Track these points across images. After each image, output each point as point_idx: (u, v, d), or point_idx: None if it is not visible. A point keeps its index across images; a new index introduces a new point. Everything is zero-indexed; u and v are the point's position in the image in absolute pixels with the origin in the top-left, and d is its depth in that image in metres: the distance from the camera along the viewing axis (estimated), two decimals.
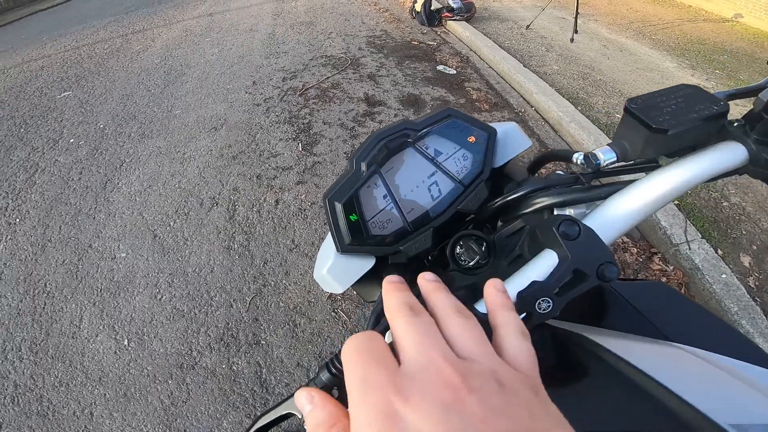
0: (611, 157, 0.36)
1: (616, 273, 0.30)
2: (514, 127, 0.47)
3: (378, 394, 0.18)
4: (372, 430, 0.17)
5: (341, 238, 0.38)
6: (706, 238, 1.73)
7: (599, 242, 0.31)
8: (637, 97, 0.35)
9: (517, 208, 0.42)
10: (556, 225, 0.31)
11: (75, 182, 2.44)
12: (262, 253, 1.87)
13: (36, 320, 1.69)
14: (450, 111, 0.42)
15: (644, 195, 0.34)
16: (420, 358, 0.19)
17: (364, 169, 0.39)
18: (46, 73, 4.33)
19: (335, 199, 0.38)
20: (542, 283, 0.30)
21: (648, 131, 0.33)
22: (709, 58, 3.68)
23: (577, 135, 2.41)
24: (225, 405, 1.37)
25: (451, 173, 0.42)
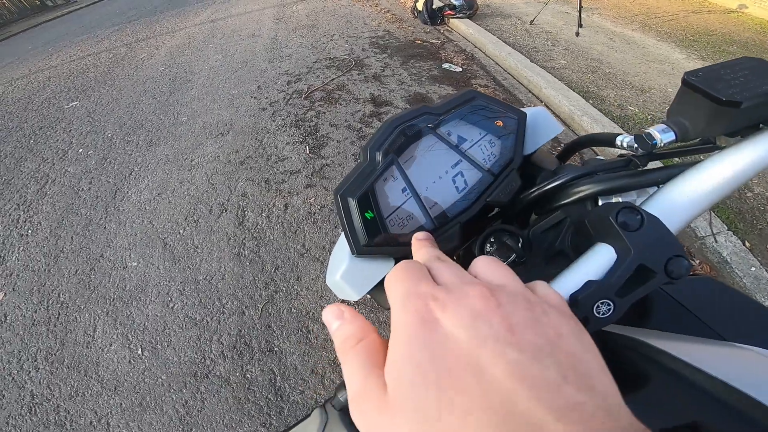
0: (669, 137, 0.32)
1: (688, 268, 0.27)
2: (543, 110, 0.43)
3: (419, 302, 0.20)
4: (411, 332, 0.18)
5: (356, 239, 0.34)
6: (732, 230, 1.68)
7: (667, 233, 0.27)
8: (697, 70, 0.31)
9: (554, 198, 0.38)
10: (613, 214, 0.28)
11: (85, 192, 2.45)
12: (272, 258, 1.85)
13: (51, 330, 1.69)
14: (473, 93, 0.38)
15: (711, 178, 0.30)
16: (456, 280, 0.21)
17: (379, 159, 0.34)
18: (53, 84, 4.38)
19: (348, 195, 0.33)
20: (600, 282, 0.27)
21: (715, 105, 0.29)
22: (719, 48, 3.60)
23: (590, 128, 2.37)
24: (240, 414, 1.35)
25: (478, 162, 0.37)
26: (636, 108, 2.64)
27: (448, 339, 0.18)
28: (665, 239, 0.27)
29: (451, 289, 0.20)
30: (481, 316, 0.18)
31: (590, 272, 0.28)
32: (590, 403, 0.15)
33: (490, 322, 0.18)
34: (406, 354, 0.18)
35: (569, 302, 0.27)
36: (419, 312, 0.19)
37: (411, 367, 0.17)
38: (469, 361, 0.17)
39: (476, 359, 0.17)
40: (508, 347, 0.17)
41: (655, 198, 0.31)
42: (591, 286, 0.27)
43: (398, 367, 0.18)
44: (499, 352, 0.17)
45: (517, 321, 0.18)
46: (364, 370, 0.20)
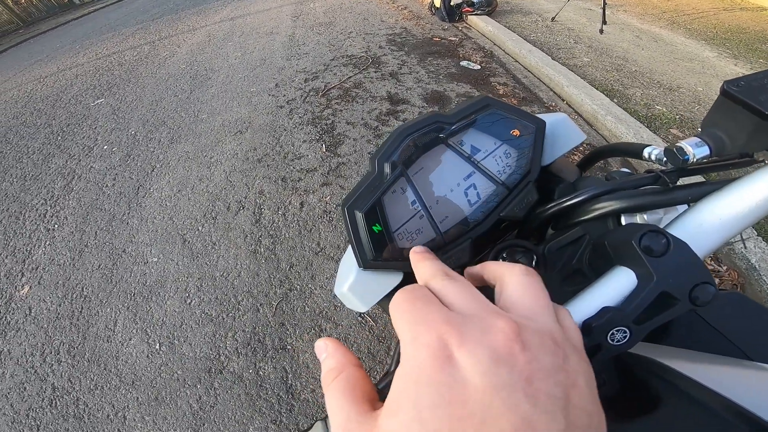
0: (703, 152, 0.29)
1: (714, 295, 0.25)
2: (565, 118, 0.40)
3: (431, 334, 0.17)
4: (421, 372, 0.17)
5: (363, 253, 0.33)
6: (763, 236, 1.60)
7: (694, 258, 0.25)
8: (738, 79, 0.29)
9: (573, 214, 0.35)
10: (636, 238, 0.26)
11: (109, 188, 2.52)
12: (287, 256, 1.86)
13: (74, 324, 1.74)
14: (488, 100, 0.36)
15: (748, 198, 0.27)
16: (474, 305, 0.19)
17: (388, 171, 0.33)
18: (80, 81, 4.53)
19: (355, 208, 0.32)
20: (616, 309, 0.25)
21: (758, 119, 0.26)
22: (752, 47, 3.43)
23: (615, 129, 2.29)
24: (251, 410, 1.37)
25: (492, 174, 0.35)
26: (663, 107, 2.54)
27: (459, 384, 0.16)
28: (692, 265, 0.25)
29: (470, 319, 0.18)
30: (503, 361, 0.16)
31: (607, 297, 0.26)
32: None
33: (512, 369, 0.16)
34: (409, 397, 0.17)
35: (582, 328, 0.26)
36: (431, 347, 0.17)
37: (411, 413, 0.16)
38: (475, 409, 0.15)
39: (485, 408, 0.15)
40: (524, 399, 0.16)
41: (684, 219, 0.29)
42: (607, 313, 0.25)
43: (398, 410, 0.17)
44: (512, 404, 0.15)
45: (539, 368, 0.17)
46: (344, 403, 0.20)
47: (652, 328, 0.25)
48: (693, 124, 2.37)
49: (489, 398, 0.16)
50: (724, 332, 0.37)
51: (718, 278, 1.56)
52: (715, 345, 0.36)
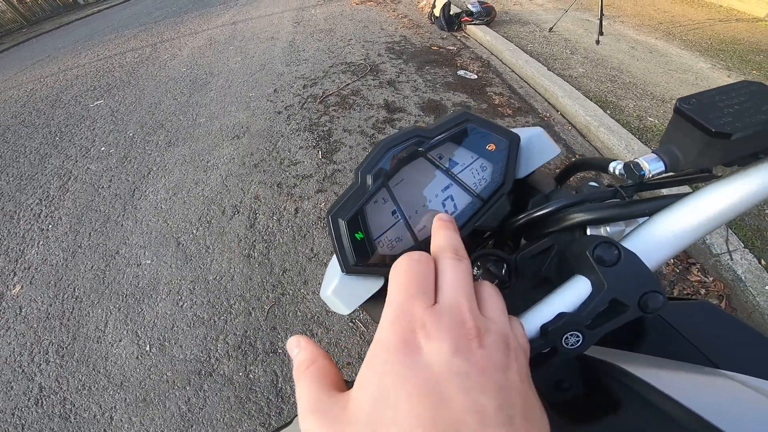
0: (658, 167, 0.31)
1: (662, 303, 0.26)
2: (541, 132, 0.42)
3: (407, 321, 0.20)
4: (390, 353, 0.19)
5: (345, 259, 0.35)
6: (749, 248, 1.62)
7: (643, 268, 0.27)
8: (690, 96, 0.30)
9: (544, 224, 0.37)
10: (590, 249, 0.28)
11: (105, 190, 2.53)
12: (281, 261, 1.87)
13: (64, 324, 1.74)
14: (466, 115, 0.37)
15: (700, 211, 0.28)
16: (452, 302, 0.22)
17: (370, 182, 0.35)
18: (80, 82, 4.55)
19: (338, 216, 0.34)
20: (571, 315, 0.27)
21: (706, 135, 0.27)
22: (745, 58, 3.49)
23: (607, 140, 2.32)
24: (240, 413, 1.37)
25: (468, 186, 0.37)
26: (656, 119, 2.58)
27: (420, 367, 0.19)
28: (641, 275, 0.27)
29: (443, 314, 0.21)
30: (461, 354, 0.19)
31: (565, 303, 0.28)
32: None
33: (468, 361, 0.19)
34: (378, 372, 0.19)
35: (540, 333, 0.27)
36: (404, 334, 0.20)
37: (378, 388, 0.19)
38: (432, 390, 0.18)
39: (441, 389, 0.18)
40: (476, 386, 0.18)
41: (638, 231, 0.31)
42: (562, 318, 0.27)
43: (367, 385, 0.19)
44: (465, 388, 0.18)
45: (492, 364, 0.19)
46: (315, 388, 0.22)
47: (604, 333, 0.27)
48: None
49: (446, 382, 0.18)
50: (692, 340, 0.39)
51: (705, 289, 1.58)
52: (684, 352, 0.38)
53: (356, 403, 0.19)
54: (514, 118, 2.73)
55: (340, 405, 0.20)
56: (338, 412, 0.20)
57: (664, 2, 5.23)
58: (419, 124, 0.43)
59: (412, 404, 0.17)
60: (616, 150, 2.24)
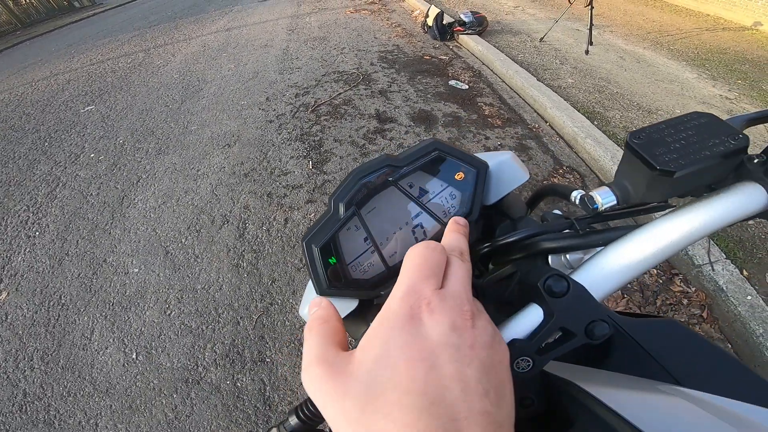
0: (610, 201, 0.32)
1: (607, 331, 0.28)
2: (509, 158, 0.43)
3: (416, 297, 0.23)
4: (396, 321, 0.22)
5: (319, 283, 0.36)
6: (731, 259, 1.65)
7: (589, 299, 0.29)
8: (642, 130, 0.31)
9: (508, 252, 0.39)
10: (542, 280, 0.29)
11: (93, 197, 2.52)
12: (270, 271, 1.87)
13: (49, 331, 1.73)
14: (436, 144, 0.39)
15: (647, 245, 0.30)
16: (456, 289, 0.25)
17: (342, 210, 0.36)
18: (72, 87, 4.53)
19: (312, 242, 0.36)
20: (523, 341, 0.28)
21: (651, 172, 0.29)
22: (731, 67, 3.57)
23: (593, 151, 2.36)
24: (228, 421, 1.37)
25: (437, 215, 0.39)
26: None
27: (420, 336, 0.21)
28: (587, 305, 0.29)
29: (447, 297, 0.24)
30: (457, 329, 0.22)
31: (518, 330, 0.29)
32: (496, 416, 0.20)
33: (461, 336, 0.22)
34: (381, 336, 0.22)
35: None
36: (411, 308, 0.23)
37: (381, 348, 0.21)
38: (428, 357, 0.21)
39: (435, 357, 0.21)
40: (464, 359, 0.21)
41: (589, 263, 0.32)
42: (514, 344, 0.28)
43: (370, 345, 0.22)
44: (456, 358, 0.21)
45: (480, 342, 0.22)
46: (323, 342, 0.24)
47: (553, 358, 0.29)
48: None
49: (440, 351, 0.21)
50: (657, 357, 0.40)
51: (687, 299, 1.61)
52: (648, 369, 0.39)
53: (359, 361, 0.22)
54: (503, 129, 2.77)
55: (344, 360, 0.22)
56: (341, 365, 0.22)
57: (652, 12, 5.34)
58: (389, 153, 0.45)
59: (409, 367, 0.20)
60: (602, 162, 2.28)
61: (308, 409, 0.34)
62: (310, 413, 0.34)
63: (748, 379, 0.39)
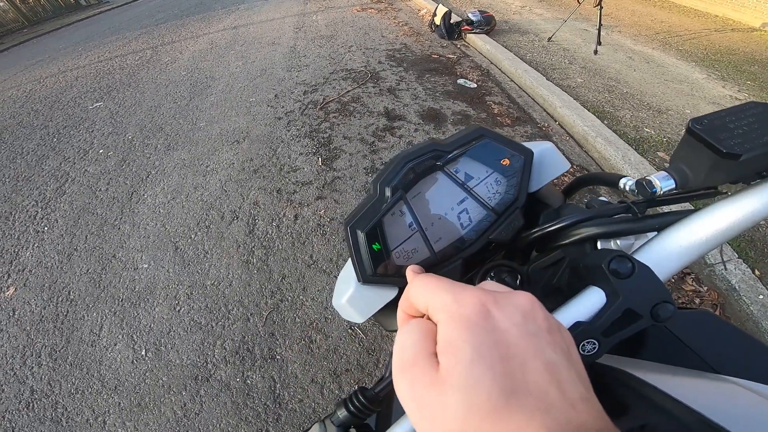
0: (669, 185, 0.32)
1: (673, 312, 0.28)
2: (552, 147, 0.43)
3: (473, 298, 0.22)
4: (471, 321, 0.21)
5: (363, 269, 0.36)
6: (743, 258, 1.64)
7: (655, 280, 0.28)
8: (702, 117, 0.31)
9: (554, 238, 0.38)
10: (606, 262, 0.29)
11: (102, 193, 2.52)
12: (280, 268, 1.86)
13: (57, 327, 1.73)
14: (482, 131, 0.39)
15: (706, 227, 0.30)
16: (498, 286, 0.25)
17: (388, 194, 0.36)
18: (80, 84, 4.54)
19: (357, 227, 0.35)
20: (587, 323, 0.28)
21: (717, 156, 0.29)
22: (740, 68, 3.54)
23: (604, 150, 2.34)
24: (237, 419, 1.36)
25: (483, 200, 0.38)
26: (652, 130, 2.61)
27: (501, 331, 0.20)
28: (653, 286, 0.28)
29: (500, 290, 0.23)
30: (529, 315, 0.21)
31: (580, 313, 0.29)
32: (593, 401, 0.20)
33: (536, 322, 0.21)
34: (465, 339, 0.20)
35: None
36: (475, 305, 0.21)
37: (471, 350, 0.20)
38: (516, 352, 0.20)
39: (523, 351, 0.20)
40: (547, 346, 0.20)
41: (649, 245, 0.32)
42: (579, 326, 0.28)
43: (457, 349, 0.20)
44: (539, 349, 0.20)
45: (552, 325, 0.22)
46: (421, 343, 0.22)
47: (619, 340, 0.28)
48: None
49: (524, 343, 0.20)
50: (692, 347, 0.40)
51: (699, 298, 1.59)
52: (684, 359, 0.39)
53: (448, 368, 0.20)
54: (512, 128, 2.75)
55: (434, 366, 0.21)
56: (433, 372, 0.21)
57: (661, 12, 5.32)
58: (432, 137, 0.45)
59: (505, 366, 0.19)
60: (613, 161, 2.26)
61: (359, 401, 0.33)
62: (361, 405, 0.33)
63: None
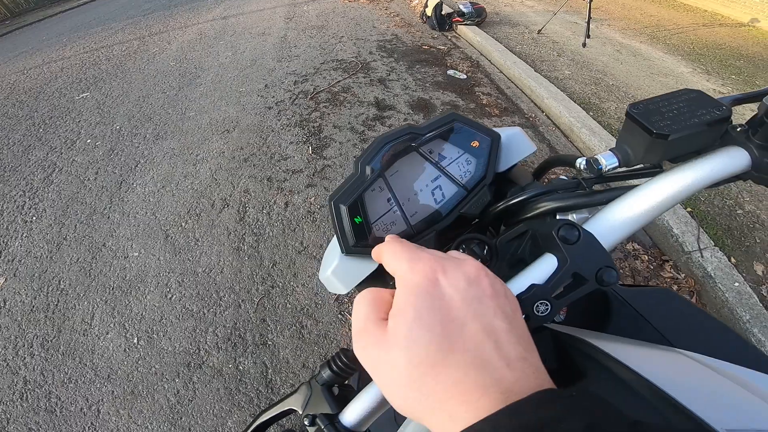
0: (613, 162, 0.36)
1: (615, 277, 0.30)
2: (519, 131, 0.47)
3: (425, 265, 0.24)
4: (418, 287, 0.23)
5: (346, 240, 0.39)
6: (720, 246, 1.70)
7: (599, 247, 0.31)
8: (639, 102, 0.35)
9: (520, 212, 0.42)
10: (555, 229, 0.31)
11: (91, 182, 2.50)
12: (271, 254, 1.88)
13: (49, 317, 1.73)
14: (454, 116, 0.42)
15: (645, 200, 0.33)
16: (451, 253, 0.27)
17: (368, 172, 0.39)
18: (65, 74, 4.45)
19: (340, 202, 0.38)
20: (541, 286, 0.30)
21: (649, 136, 0.33)
22: (725, 63, 3.61)
23: (589, 141, 2.39)
24: (230, 404, 1.39)
25: (455, 177, 0.42)
26: None
27: (445, 296, 0.22)
28: (597, 252, 0.31)
29: (449, 259, 0.25)
30: (473, 282, 0.23)
31: (535, 277, 0.32)
32: (531, 360, 0.22)
33: (480, 288, 0.23)
34: (411, 303, 0.22)
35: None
36: (425, 273, 0.23)
37: (413, 313, 0.22)
38: (457, 315, 0.22)
39: (463, 315, 0.22)
40: (488, 310, 0.22)
41: (595, 217, 0.35)
42: (533, 289, 0.30)
43: (402, 312, 0.23)
44: (480, 313, 0.22)
45: (497, 291, 0.24)
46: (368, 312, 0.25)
47: (568, 303, 0.31)
48: None
49: (465, 308, 0.22)
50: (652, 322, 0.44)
51: (677, 285, 1.65)
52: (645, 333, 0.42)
53: (393, 329, 0.22)
54: (500, 118, 2.79)
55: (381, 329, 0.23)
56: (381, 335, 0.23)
57: (650, 6, 5.36)
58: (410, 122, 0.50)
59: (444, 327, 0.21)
60: (596, 150, 2.31)
61: (341, 361, 0.36)
62: (343, 364, 0.36)
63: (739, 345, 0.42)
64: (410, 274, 0.24)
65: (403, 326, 0.22)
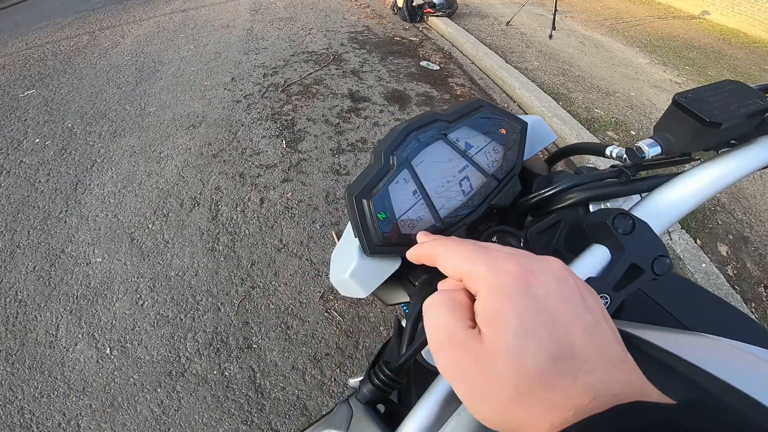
0: (656, 150, 0.36)
1: (669, 266, 0.29)
2: (540, 120, 0.46)
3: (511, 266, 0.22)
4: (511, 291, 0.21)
5: (370, 239, 0.34)
6: (685, 229, 1.79)
7: (653, 235, 0.30)
8: (686, 92, 0.35)
9: (550, 202, 0.40)
10: (610, 219, 0.30)
11: (42, 184, 2.30)
12: (248, 254, 1.80)
13: (9, 329, 1.58)
14: (481, 102, 0.40)
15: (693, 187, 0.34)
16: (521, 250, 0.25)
17: (393, 162, 0.35)
18: (7, 72, 4.07)
19: (363, 197, 0.34)
20: (599, 279, 0.29)
21: (700, 125, 0.33)
22: (680, 54, 3.82)
23: (560, 130, 2.45)
24: (219, 412, 1.32)
25: (483, 167, 0.39)
26: (601, 111, 2.76)
27: (541, 298, 0.21)
28: (652, 241, 0.30)
29: (530, 257, 0.23)
30: (562, 281, 0.22)
31: (588, 270, 0.30)
32: (630, 360, 0.20)
33: (569, 286, 0.22)
34: (510, 309, 0.20)
35: None
36: (513, 274, 0.22)
37: (516, 320, 0.20)
38: (559, 318, 0.20)
39: (563, 317, 0.20)
40: (583, 310, 0.21)
41: (642, 204, 0.35)
42: (592, 283, 0.29)
43: (503, 319, 0.20)
44: (578, 313, 0.21)
45: (584, 288, 0.23)
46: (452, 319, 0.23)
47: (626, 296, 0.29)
48: (626, 127, 2.60)
49: (563, 309, 0.21)
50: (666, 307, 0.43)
51: None
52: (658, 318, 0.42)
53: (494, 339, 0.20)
54: None
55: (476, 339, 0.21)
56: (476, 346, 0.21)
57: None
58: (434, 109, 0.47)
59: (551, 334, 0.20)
60: (568, 139, 2.38)
61: (384, 375, 0.31)
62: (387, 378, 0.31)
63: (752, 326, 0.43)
64: (494, 276, 0.22)
65: (507, 335, 0.20)
